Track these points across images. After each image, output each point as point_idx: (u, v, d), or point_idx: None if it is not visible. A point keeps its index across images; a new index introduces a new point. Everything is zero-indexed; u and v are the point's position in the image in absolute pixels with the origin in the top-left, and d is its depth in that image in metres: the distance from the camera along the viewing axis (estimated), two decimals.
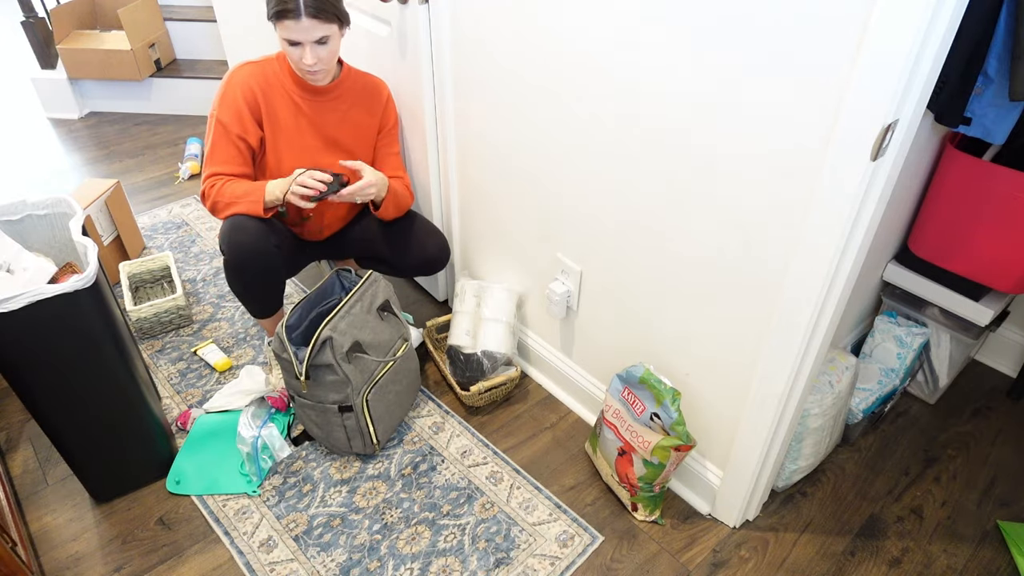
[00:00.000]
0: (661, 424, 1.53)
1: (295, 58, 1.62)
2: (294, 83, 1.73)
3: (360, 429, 1.71)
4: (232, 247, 1.69)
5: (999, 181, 1.59)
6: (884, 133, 1.03)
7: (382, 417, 1.76)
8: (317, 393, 1.68)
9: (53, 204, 1.64)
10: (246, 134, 1.71)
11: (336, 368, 1.63)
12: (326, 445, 1.79)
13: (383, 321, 1.79)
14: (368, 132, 1.86)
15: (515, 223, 1.86)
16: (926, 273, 1.85)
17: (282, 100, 1.73)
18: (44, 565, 1.57)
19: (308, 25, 1.56)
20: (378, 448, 1.77)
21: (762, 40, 1.12)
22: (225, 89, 1.70)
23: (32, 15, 3.35)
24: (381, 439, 1.77)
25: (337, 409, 1.68)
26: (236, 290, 1.80)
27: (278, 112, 1.73)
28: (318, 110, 1.76)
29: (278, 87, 1.72)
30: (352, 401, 1.67)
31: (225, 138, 1.70)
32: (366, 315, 1.73)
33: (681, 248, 1.44)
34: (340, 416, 1.69)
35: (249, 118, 1.71)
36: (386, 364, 1.74)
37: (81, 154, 3.16)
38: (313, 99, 1.75)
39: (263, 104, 1.71)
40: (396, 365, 1.78)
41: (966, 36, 1.31)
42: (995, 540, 1.66)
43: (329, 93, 1.77)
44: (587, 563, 1.58)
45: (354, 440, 1.74)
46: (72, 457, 1.58)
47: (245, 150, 1.73)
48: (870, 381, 1.87)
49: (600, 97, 1.43)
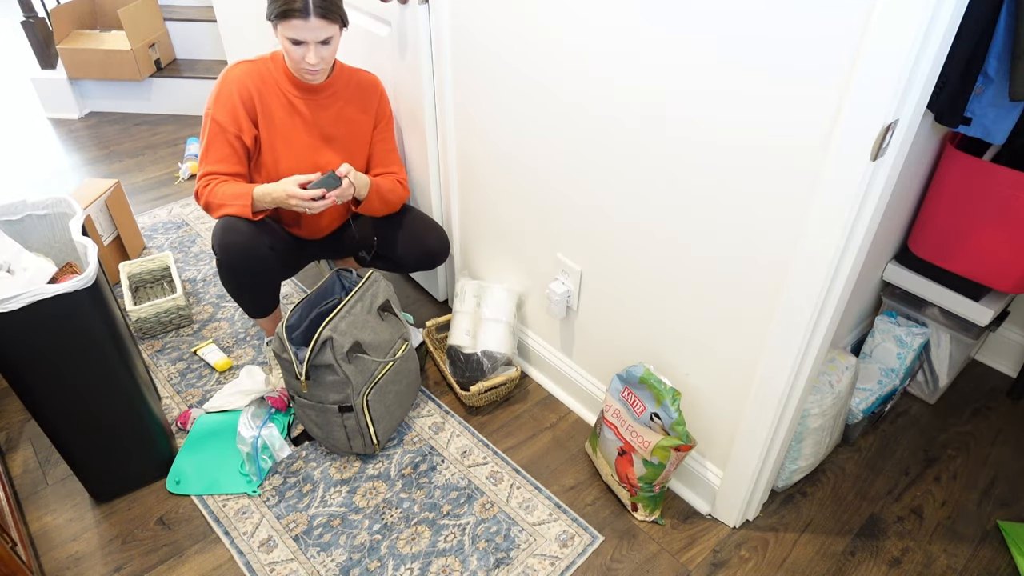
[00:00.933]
0: (661, 424, 1.53)
1: (297, 57, 1.63)
2: (289, 82, 1.73)
3: (360, 429, 1.71)
4: (224, 248, 1.69)
5: (999, 181, 1.59)
6: (884, 133, 1.03)
7: (382, 417, 1.76)
8: (317, 393, 1.68)
9: (53, 204, 1.64)
10: (241, 132, 1.71)
11: (336, 368, 1.63)
12: (326, 445, 1.79)
13: (383, 321, 1.78)
14: (363, 128, 1.86)
15: (515, 223, 1.86)
16: (926, 273, 1.85)
17: (277, 99, 1.73)
18: (44, 565, 1.57)
19: (316, 25, 1.57)
20: (378, 448, 1.77)
21: (762, 40, 1.12)
22: (220, 88, 1.70)
23: (32, 15, 3.35)
24: (381, 439, 1.77)
25: (337, 409, 1.68)
26: (230, 290, 1.81)
27: (273, 111, 1.74)
28: (313, 108, 1.77)
29: (273, 86, 1.73)
30: (352, 401, 1.67)
31: (221, 137, 1.70)
32: (366, 315, 1.73)
33: (681, 248, 1.44)
34: (340, 416, 1.69)
35: (244, 117, 1.71)
36: (386, 364, 1.74)
37: (81, 154, 3.16)
38: (308, 97, 1.76)
39: (258, 103, 1.72)
40: (396, 365, 1.78)
41: (966, 36, 1.31)
42: (995, 540, 1.66)
43: (324, 91, 1.77)
44: (587, 563, 1.58)
45: (354, 440, 1.74)
46: (72, 457, 1.58)
47: (240, 149, 1.73)
48: (870, 381, 1.87)
49: (600, 97, 1.43)
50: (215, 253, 1.72)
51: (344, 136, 1.83)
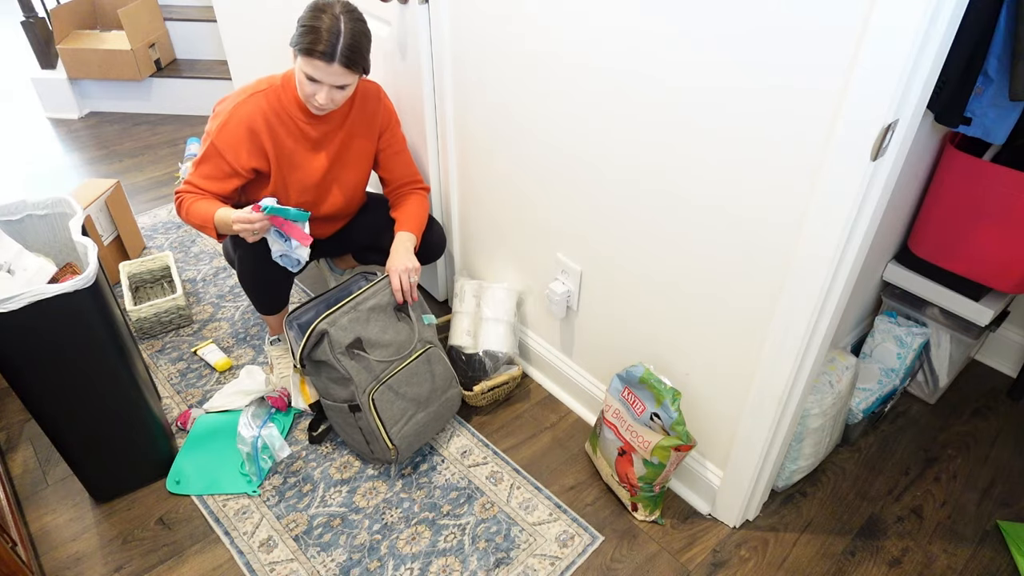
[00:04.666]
0: (661, 424, 1.53)
1: (308, 92, 1.61)
2: (298, 108, 1.71)
3: (373, 431, 1.68)
4: (245, 263, 1.75)
5: (999, 181, 1.59)
6: (884, 133, 1.03)
7: (395, 419, 1.69)
8: (329, 391, 1.70)
9: (53, 204, 1.64)
10: (238, 165, 1.70)
11: (335, 364, 1.63)
12: (350, 446, 1.79)
13: (400, 322, 1.77)
14: (370, 143, 1.85)
15: (515, 223, 1.86)
16: (926, 273, 1.85)
17: (286, 127, 1.72)
18: (44, 565, 1.57)
19: (336, 71, 1.56)
20: (394, 453, 1.69)
21: (762, 40, 1.12)
22: (228, 120, 1.67)
23: (32, 15, 3.35)
24: (399, 445, 1.69)
25: (347, 408, 1.68)
26: (248, 292, 1.85)
27: (284, 142, 1.72)
28: (324, 132, 1.76)
29: (284, 116, 1.71)
30: (359, 399, 1.67)
31: (215, 160, 1.69)
32: (379, 313, 1.72)
33: (682, 248, 1.44)
34: (353, 416, 1.69)
35: (247, 155, 1.70)
36: (392, 363, 1.72)
37: (81, 154, 3.16)
38: (316, 123, 1.74)
39: (268, 140, 1.70)
40: (413, 367, 1.74)
41: (966, 36, 1.31)
42: (995, 540, 1.66)
43: (332, 114, 1.76)
44: (587, 563, 1.58)
45: (372, 444, 1.71)
46: (72, 457, 1.58)
47: (230, 176, 1.72)
48: (870, 381, 1.87)
49: (600, 96, 1.43)
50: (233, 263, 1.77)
51: (355, 155, 1.83)
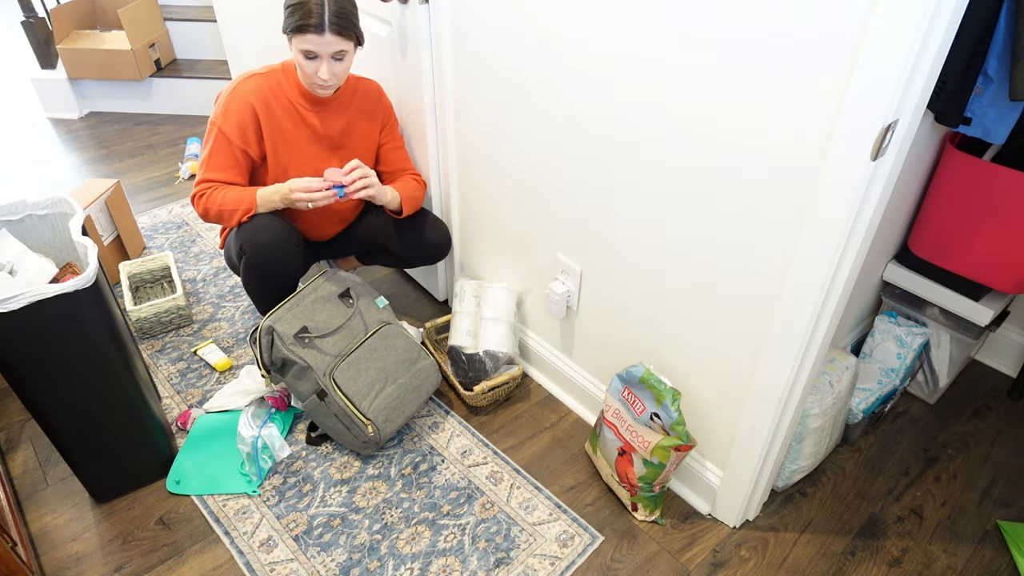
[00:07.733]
0: (661, 424, 1.53)
1: (310, 71, 1.64)
2: (299, 94, 1.74)
3: (345, 412, 1.69)
4: (257, 247, 1.73)
5: (999, 181, 1.59)
6: (884, 133, 1.03)
7: (363, 394, 1.72)
8: (297, 389, 1.73)
9: (53, 204, 1.64)
10: (247, 146, 1.73)
11: (291, 357, 1.68)
12: (339, 441, 1.80)
13: (349, 308, 1.83)
14: (371, 136, 1.89)
15: (515, 223, 1.86)
16: (926, 273, 1.85)
17: (286, 110, 1.74)
18: (44, 565, 1.57)
19: (330, 40, 1.59)
20: (371, 428, 1.70)
21: (762, 40, 1.12)
22: (229, 101, 1.71)
23: (32, 15, 3.35)
24: (374, 419, 1.71)
25: (317, 398, 1.71)
26: (253, 287, 1.84)
27: (281, 122, 1.74)
28: (323, 118, 1.78)
29: (282, 98, 1.73)
30: (323, 384, 1.69)
31: (225, 147, 1.71)
32: (324, 304, 1.79)
33: (681, 248, 1.44)
34: (325, 405, 1.71)
35: (251, 131, 1.72)
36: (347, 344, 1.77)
37: (81, 154, 3.16)
38: (318, 110, 1.77)
39: (265, 118, 1.73)
40: (371, 343, 1.79)
41: (966, 36, 1.31)
42: (995, 540, 1.66)
43: (334, 102, 1.79)
44: (587, 563, 1.58)
45: (351, 427, 1.71)
46: (72, 457, 1.58)
47: (244, 161, 1.75)
48: (870, 381, 1.87)
49: (600, 96, 1.43)
50: (243, 252, 1.75)
51: (352, 145, 1.85)
